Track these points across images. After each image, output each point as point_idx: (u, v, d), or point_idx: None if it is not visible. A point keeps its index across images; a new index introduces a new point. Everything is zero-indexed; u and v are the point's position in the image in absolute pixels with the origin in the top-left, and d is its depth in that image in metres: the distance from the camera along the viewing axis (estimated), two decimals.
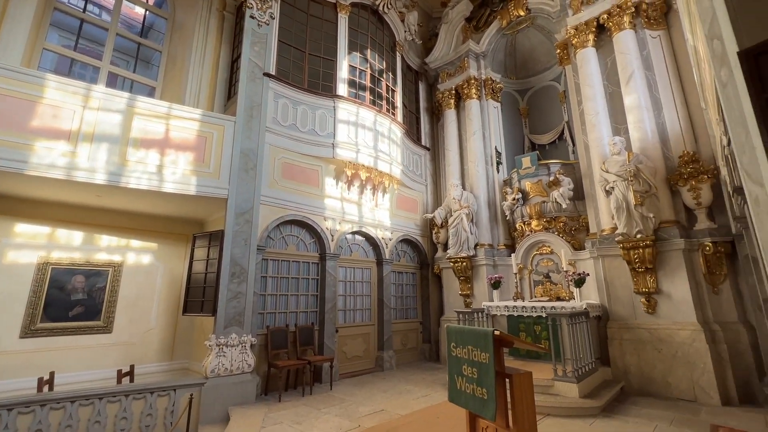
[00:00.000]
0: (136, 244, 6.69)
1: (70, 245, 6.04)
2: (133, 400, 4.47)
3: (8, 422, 3.79)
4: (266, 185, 6.44)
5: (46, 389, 4.59)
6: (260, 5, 6.88)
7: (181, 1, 7.50)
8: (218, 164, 5.89)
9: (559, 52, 7.95)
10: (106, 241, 6.38)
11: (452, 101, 9.61)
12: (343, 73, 7.86)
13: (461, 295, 8.34)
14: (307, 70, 7.54)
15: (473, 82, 9.26)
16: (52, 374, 4.78)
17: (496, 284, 7.31)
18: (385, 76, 8.88)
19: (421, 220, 9.44)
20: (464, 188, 8.84)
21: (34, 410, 3.94)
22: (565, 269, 6.67)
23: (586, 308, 5.73)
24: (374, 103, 8.34)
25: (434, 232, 9.17)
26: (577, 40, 7.23)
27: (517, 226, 8.07)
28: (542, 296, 7.17)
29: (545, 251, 7.48)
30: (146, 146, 5.33)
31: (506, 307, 6.67)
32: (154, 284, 6.78)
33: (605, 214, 6.39)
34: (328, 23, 8.01)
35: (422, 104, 10.44)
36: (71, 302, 5.90)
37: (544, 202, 7.62)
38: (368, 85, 8.34)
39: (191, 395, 4.66)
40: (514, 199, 8.00)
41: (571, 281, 6.38)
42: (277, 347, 6.05)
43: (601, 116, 6.73)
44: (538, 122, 9.78)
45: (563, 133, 8.97)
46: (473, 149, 8.93)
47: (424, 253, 9.33)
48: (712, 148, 5.68)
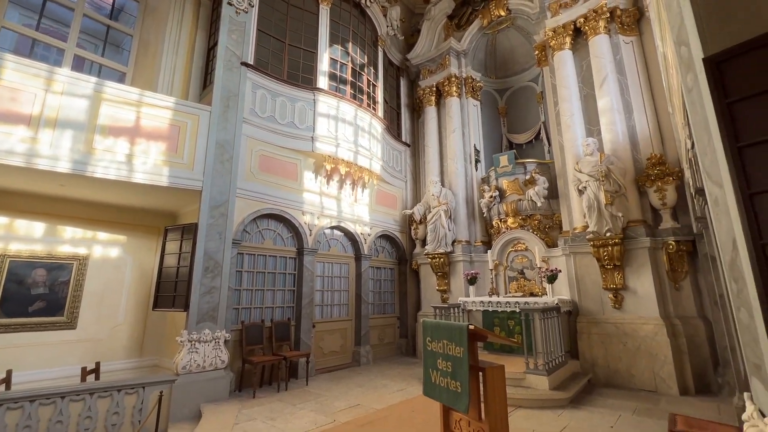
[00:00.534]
0: (103, 236, 6.40)
1: (30, 237, 5.71)
2: (98, 398, 4.28)
3: None
4: (243, 178, 6.29)
5: (2, 388, 4.34)
6: None
7: None
8: (192, 155, 5.70)
9: (537, 53, 8.11)
10: (70, 232, 6.07)
11: (433, 98, 9.66)
12: (323, 65, 7.75)
13: (438, 290, 8.44)
14: (286, 61, 7.38)
15: (454, 79, 9.33)
16: (9, 372, 4.52)
17: (472, 280, 7.45)
18: (366, 70, 8.82)
19: (400, 216, 9.47)
20: (443, 185, 8.92)
21: None
22: (538, 266, 6.86)
23: (557, 303, 5.92)
24: (355, 97, 8.27)
25: (413, 228, 9.23)
26: (554, 42, 7.40)
27: (493, 223, 8.23)
28: (516, 292, 7.36)
29: (520, 248, 7.66)
30: (115, 134, 5.09)
31: (482, 302, 6.81)
32: (122, 278, 6.52)
33: (577, 212, 6.60)
34: (309, 14, 7.86)
35: (403, 100, 10.44)
36: (31, 297, 5.59)
37: (520, 200, 7.80)
38: (349, 79, 8.26)
39: (161, 392, 4.52)
40: (491, 196, 8.15)
41: (544, 277, 6.58)
42: (252, 343, 5.95)
43: (575, 118, 6.93)
44: (516, 122, 9.97)
45: (540, 133, 9.19)
46: (453, 147, 9.02)
47: (402, 248, 9.37)
48: (677, 151, 5.96)
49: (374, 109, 8.83)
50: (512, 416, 4.42)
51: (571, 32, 7.23)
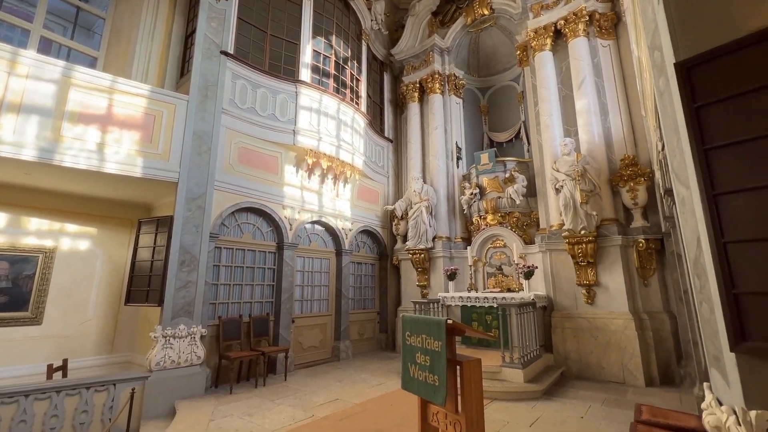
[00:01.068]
0: (72, 228, 6.13)
1: None
2: (65, 396, 4.13)
3: None
4: (221, 170, 6.14)
5: None
6: None
7: None
8: (168, 145, 5.52)
9: (519, 53, 8.24)
10: (36, 224, 5.78)
11: (416, 94, 9.68)
12: (306, 57, 7.62)
13: (418, 286, 8.51)
14: (268, 51, 7.22)
15: (437, 76, 9.37)
16: None
17: (451, 276, 7.55)
18: (349, 64, 8.74)
19: (381, 211, 9.48)
20: (425, 181, 8.98)
21: None
22: (516, 262, 7.02)
23: (533, 299, 6.08)
24: (338, 91, 8.19)
25: (394, 223, 9.26)
26: (536, 43, 7.53)
27: (473, 219, 8.35)
28: (494, 287, 7.51)
29: (499, 245, 7.81)
30: (85, 121, 4.86)
31: (461, 297, 6.92)
32: (92, 272, 6.27)
33: (554, 210, 6.78)
34: (292, 4, 7.70)
35: (386, 95, 10.41)
36: None
37: (499, 197, 7.94)
38: (332, 72, 8.16)
39: (133, 390, 4.39)
40: (471, 193, 8.26)
41: (521, 273, 6.73)
42: (229, 338, 5.85)
43: (554, 118, 7.09)
44: (497, 120, 10.11)
45: (520, 132, 9.36)
46: (435, 143, 9.08)
47: (383, 244, 9.39)
48: (649, 153, 6.19)
49: (357, 103, 8.77)
50: (488, 408, 4.53)
51: (552, 34, 7.37)
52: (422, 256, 8.33)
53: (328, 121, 7.68)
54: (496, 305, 6.10)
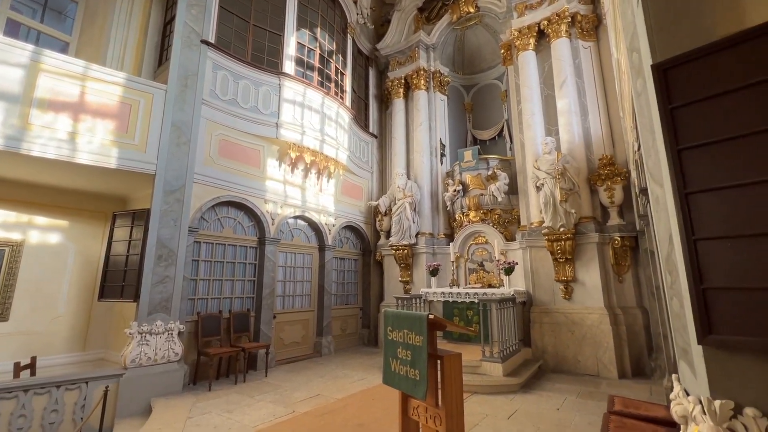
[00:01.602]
0: (41, 221, 5.87)
1: None
2: (33, 395, 3.97)
3: None
4: (201, 162, 5.99)
5: None
6: None
7: None
8: (145, 136, 5.33)
9: (503, 52, 8.32)
10: (2, 215, 5.51)
11: (401, 90, 9.66)
12: (290, 49, 7.49)
13: (401, 281, 8.55)
14: (251, 42, 7.06)
15: (423, 73, 9.38)
16: None
17: (434, 271, 7.61)
18: (334, 58, 8.64)
19: (365, 207, 9.45)
20: (409, 178, 9.00)
21: None
22: (497, 258, 7.13)
23: (513, 294, 6.20)
24: (322, 84, 8.09)
25: (378, 219, 9.25)
26: (519, 42, 7.62)
27: (456, 216, 8.43)
28: (476, 283, 7.61)
29: (480, 241, 7.92)
30: (56, 109, 4.65)
31: (443, 293, 6.99)
32: (63, 266, 6.03)
33: (534, 208, 6.91)
34: None
35: (371, 91, 10.35)
36: None
37: (482, 194, 8.04)
38: (317, 65, 8.05)
39: (107, 388, 4.26)
40: (455, 190, 8.33)
41: (501, 270, 6.85)
42: (208, 334, 5.74)
43: (536, 117, 7.20)
44: (481, 118, 10.21)
45: (503, 130, 9.48)
46: (419, 140, 9.10)
47: (366, 240, 9.38)
48: (626, 153, 6.37)
49: (342, 98, 8.69)
50: (467, 402, 4.60)
51: (535, 34, 7.47)
52: (405, 251, 8.36)
53: (312, 114, 7.58)
54: (477, 301, 6.18)
